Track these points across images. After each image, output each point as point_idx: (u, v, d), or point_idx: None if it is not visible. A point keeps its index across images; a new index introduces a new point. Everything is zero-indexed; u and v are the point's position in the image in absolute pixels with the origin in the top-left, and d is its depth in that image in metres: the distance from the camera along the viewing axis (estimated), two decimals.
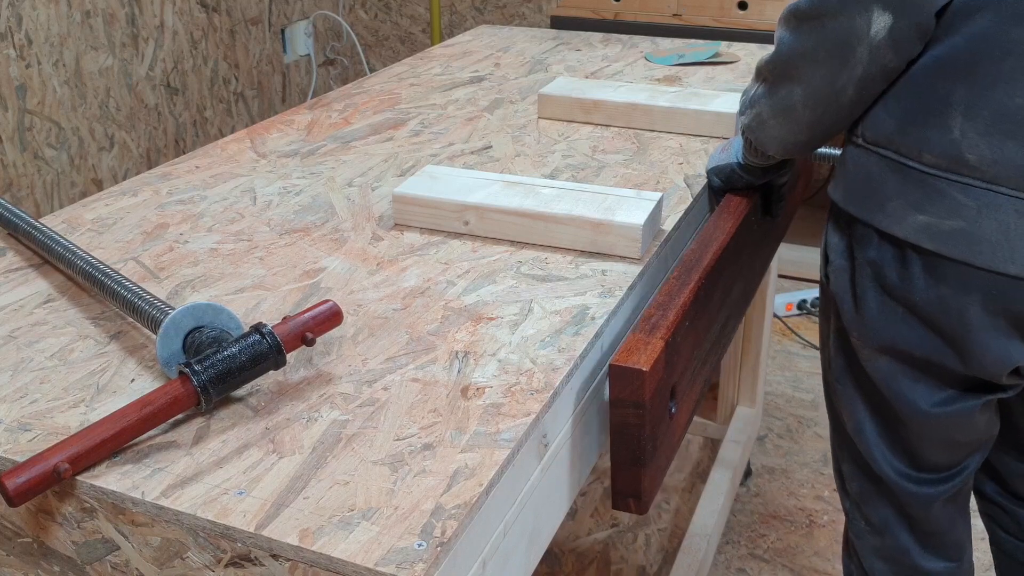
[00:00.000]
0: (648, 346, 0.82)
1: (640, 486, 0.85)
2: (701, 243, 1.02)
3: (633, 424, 0.81)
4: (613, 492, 0.87)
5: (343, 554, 0.58)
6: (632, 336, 0.83)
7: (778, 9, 2.40)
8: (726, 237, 1.03)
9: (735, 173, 1.13)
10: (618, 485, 0.86)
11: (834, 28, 0.90)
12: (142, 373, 0.78)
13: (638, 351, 0.81)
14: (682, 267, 0.96)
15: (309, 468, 0.66)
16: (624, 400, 0.81)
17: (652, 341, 0.83)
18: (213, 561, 0.63)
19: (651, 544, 1.84)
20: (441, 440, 0.69)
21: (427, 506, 0.62)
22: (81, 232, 1.05)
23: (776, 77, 0.99)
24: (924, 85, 0.90)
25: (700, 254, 0.99)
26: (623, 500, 0.87)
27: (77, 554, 0.69)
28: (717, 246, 1.01)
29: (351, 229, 1.05)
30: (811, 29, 0.92)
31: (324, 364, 0.79)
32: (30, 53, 2.29)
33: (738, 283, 1.16)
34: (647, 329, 0.85)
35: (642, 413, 0.81)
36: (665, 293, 0.91)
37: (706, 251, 1.00)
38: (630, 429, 0.82)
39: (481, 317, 0.86)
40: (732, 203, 1.13)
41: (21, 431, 0.71)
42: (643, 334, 0.84)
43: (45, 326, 0.86)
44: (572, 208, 1.00)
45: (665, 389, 0.86)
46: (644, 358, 0.80)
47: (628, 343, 0.82)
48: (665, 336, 0.83)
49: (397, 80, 1.63)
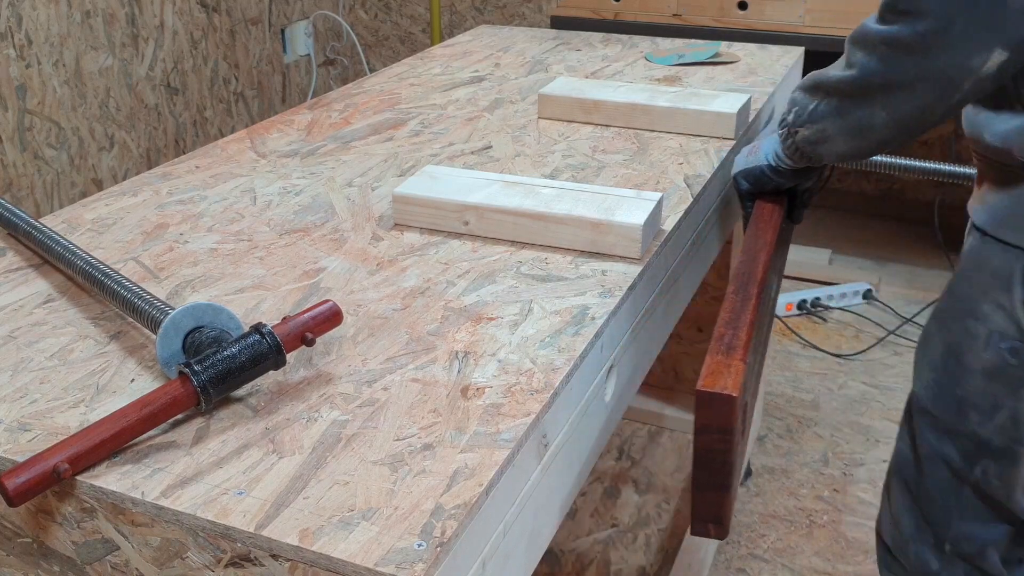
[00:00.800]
0: (730, 368, 0.80)
1: (723, 511, 0.84)
2: (749, 255, 1.00)
3: (720, 450, 0.80)
4: (693, 518, 0.85)
5: (343, 554, 0.58)
6: (711, 359, 0.81)
7: (779, 9, 2.40)
8: (770, 248, 1.03)
9: (765, 175, 1.13)
10: (700, 511, 0.84)
11: (943, 63, 0.86)
12: (142, 373, 0.78)
13: (723, 375, 0.79)
14: (738, 283, 0.95)
15: (309, 468, 0.66)
16: (711, 427, 0.79)
17: (733, 363, 0.80)
18: (213, 561, 0.63)
19: (651, 544, 1.84)
20: (441, 440, 0.69)
21: (427, 506, 0.62)
22: (81, 232, 1.05)
23: (853, 99, 0.95)
24: None
25: (751, 267, 0.98)
26: (703, 526, 0.85)
27: (77, 554, 0.69)
28: (765, 257, 1.00)
29: (351, 229, 1.05)
30: (913, 62, 0.88)
31: (324, 364, 0.79)
32: (30, 53, 2.29)
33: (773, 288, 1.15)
34: (723, 351, 0.82)
35: (729, 439, 0.80)
36: (729, 311, 0.89)
37: (756, 264, 0.99)
38: (716, 455, 0.80)
39: (481, 317, 0.86)
40: (766, 211, 1.13)
41: (21, 431, 0.71)
42: (722, 356, 0.81)
43: (45, 326, 0.86)
44: (572, 208, 1.00)
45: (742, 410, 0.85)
46: (731, 382, 0.78)
47: (710, 366, 0.80)
48: (743, 357, 0.82)
49: (397, 80, 1.63)
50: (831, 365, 2.40)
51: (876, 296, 2.68)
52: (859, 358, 2.43)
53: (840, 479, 2.01)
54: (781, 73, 1.64)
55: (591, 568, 1.77)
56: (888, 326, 2.55)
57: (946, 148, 3.05)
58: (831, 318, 2.61)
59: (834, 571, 1.76)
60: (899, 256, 2.92)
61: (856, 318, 2.60)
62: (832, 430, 2.16)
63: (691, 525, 0.86)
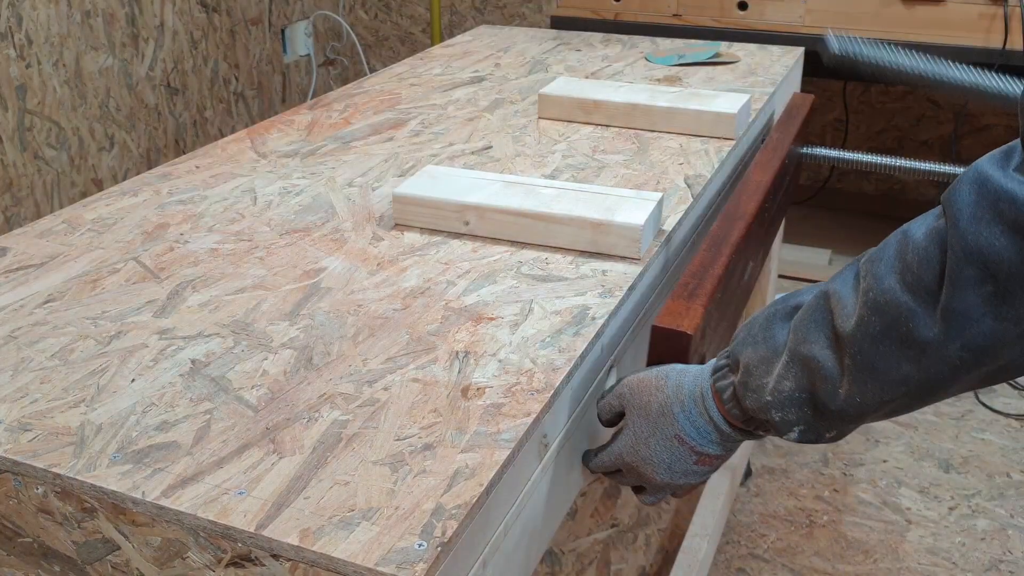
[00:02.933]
0: (690, 311, 0.81)
1: None
2: (727, 221, 1.01)
3: None
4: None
5: (343, 554, 0.58)
6: (672, 301, 0.83)
7: (778, 9, 2.40)
8: (750, 218, 1.03)
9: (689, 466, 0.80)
10: None
11: None
12: (142, 373, 0.78)
13: (680, 315, 0.80)
14: (711, 242, 0.96)
15: (309, 468, 0.66)
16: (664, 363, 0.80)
17: (693, 306, 0.82)
18: (213, 561, 0.63)
19: (651, 544, 1.84)
20: (441, 440, 0.69)
21: (427, 506, 0.62)
22: (81, 232, 1.05)
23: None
24: None
25: (727, 231, 0.99)
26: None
27: (77, 554, 0.69)
28: (743, 225, 1.01)
29: (351, 229, 1.05)
30: None
31: (324, 364, 0.79)
32: (30, 53, 2.29)
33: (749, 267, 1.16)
34: (686, 295, 0.84)
35: None
36: (698, 264, 0.90)
37: (732, 229, 1.00)
38: None
39: (481, 317, 0.86)
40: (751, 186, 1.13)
41: (21, 431, 0.71)
42: (683, 299, 0.83)
43: (45, 326, 0.86)
44: (572, 208, 1.00)
45: (699, 357, 0.86)
46: (688, 322, 0.80)
47: (669, 307, 0.81)
48: (704, 303, 0.83)
49: (397, 80, 1.63)
50: None
51: None
52: None
53: (840, 479, 2.01)
54: (781, 73, 1.64)
55: (591, 568, 1.77)
56: None
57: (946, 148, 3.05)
58: None
59: (834, 571, 1.77)
60: None
61: None
62: None
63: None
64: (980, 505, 1.93)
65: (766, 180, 1.16)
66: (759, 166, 1.27)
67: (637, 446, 0.78)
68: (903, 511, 1.92)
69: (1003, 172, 0.58)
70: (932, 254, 0.61)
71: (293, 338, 0.83)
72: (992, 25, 2.19)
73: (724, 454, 0.78)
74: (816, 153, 1.56)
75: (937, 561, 1.79)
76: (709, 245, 0.94)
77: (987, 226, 0.58)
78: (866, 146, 3.15)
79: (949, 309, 0.60)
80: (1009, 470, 2.03)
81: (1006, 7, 2.18)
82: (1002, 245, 0.57)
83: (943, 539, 1.85)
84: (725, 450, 0.77)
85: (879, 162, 2.37)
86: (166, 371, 0.78)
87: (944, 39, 2.24)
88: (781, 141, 1.38)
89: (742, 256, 1.03)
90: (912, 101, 3.07)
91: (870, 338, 0.64)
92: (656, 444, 0.77)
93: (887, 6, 2.30)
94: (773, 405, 0.70)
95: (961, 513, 1.91)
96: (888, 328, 0.63)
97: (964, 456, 2.08)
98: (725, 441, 0.76)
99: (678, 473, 0.77)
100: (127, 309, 0.89)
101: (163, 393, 0.75)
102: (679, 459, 0.77)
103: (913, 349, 0.62)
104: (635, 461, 0.79)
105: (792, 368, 0.69)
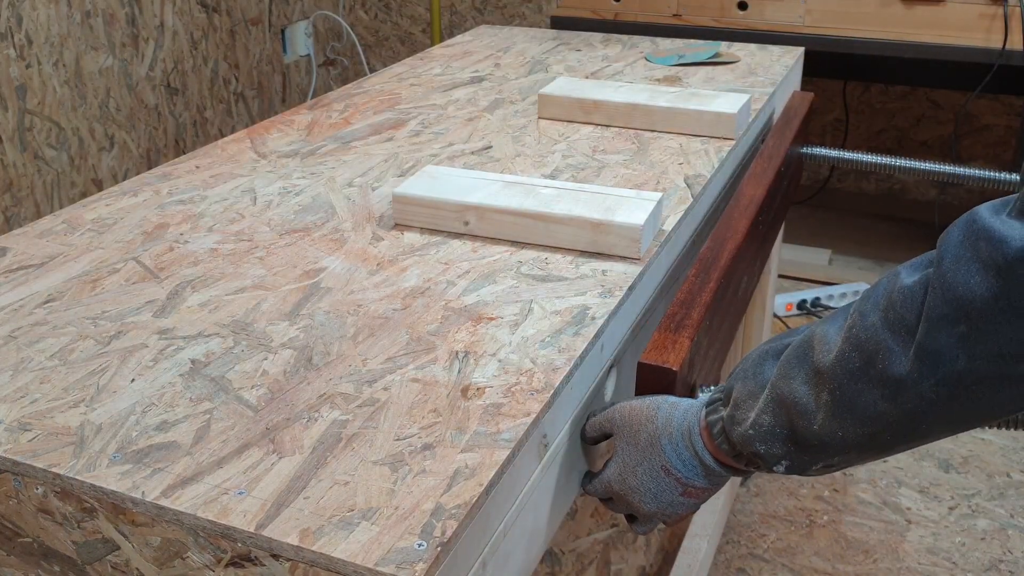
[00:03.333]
0: (676, 344, 0.82)
1: None
2: (716, 242, 1.02)
3: None
4: None
5: (343, 554, 0.58)
6: (659, 334, 0.83)
7: (778, 9, 2.40)
8: (740, 236, 1.03)
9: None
10: None
11: None
12: (142, 373, 0.78)
13: (667, 350, 0.81)
14: (700, 267, 0.96)
15: (309, 468, 0.66)
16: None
17: (679, 340, 0.82)
18: (213, 561, 0.63)
19: (651, 544, 1.84)
20: (441, 440, 0.69)
21: (427, 506, 0.62)
22: (81, 232, 1.05)
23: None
24: None
25: (716, 253, 0.99)
26: None
27: (77, 554, 0.69)
28: (732, 246, 1.01)
29: (351, 229, 1.05)
30: None
31: (324, 364, 0.79)
32: (30, 53, 2.29)
33: (744, 282, 1.16)
34: (672, 327, 0.84)
35: None
36: (686, 292, 0.91)
37: (722, 251, 1.00)
38: None
39: (481, 317, 0.86)
40: (743, 201, 1.13)
41: (21, 431, 0.71)
42: (670, 332, 0.83)
43: (45, 326, 0.86)
44: (572, 208, 1.00)
45: (686, 389, 0.86)
46: (673, 357, 0.80)
47: (655, 340, 0.82)
48: (691, 335, 0.83)
49: (397, 80, 1.63)
50: None
51: None
52: None
53: (840, 479, 2.01)
54: (781, 73, 1.64)
55: (591, 568, 1.77)
56: None
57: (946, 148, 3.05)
58: None
59: (834, 571, 1.77)
60: (899, 256, 2.91)
61: None
62: None
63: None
64: (980, 505, 1.93)
65: (759, 194, 1.16)
66: (752, 178, 1.26)
67: (625, 475, 0.79)
68: (903, 511, 1.92)
69: (994, 215, 0.58)
70: (916, 294, 0.61)
71: (293, 338, 0.83)
72: (992, 25, 2.19)
73: (711, 487, 0.78)
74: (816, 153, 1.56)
75: (937, 561, 1.79)
76: (698, 270, 0.94)
77: (965, 265, 0.58)
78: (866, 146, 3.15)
79: (922, 347, 0.60)
80: (1009, 470, 2.03)
81: (1006, 7, 2.18)
82: (975, 283, 0.57)
83: (943, 539, 1.85)
84: (711, 483, 0.78)
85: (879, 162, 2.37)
86: (166, 371, 0.78)
87: (944, 39, 2.24)
88: (777, 148, 1.38)
89: (733, 276, 1.03)
90: (912, 101, 3.08)
91: (848, 373, 0.64)
92: (643, 474, 0.78)
93: (887, 6, 2.30)
94: (756, 439, 0.71)
95: (961, 513, 1.91)
96: (866, 364, 0.63)
97: (964, 456, 2.08)
98: (710, 475, 0.77)
99: (665, 503, 0.78)
100: (127, 309, 0.89)
101: (163, 393, 0.75)
102: (666, 490, 0.78)
103: (888, 387, 0.62)
104: (623, 490, 0.80)
105: (771, 404, 0.70)
